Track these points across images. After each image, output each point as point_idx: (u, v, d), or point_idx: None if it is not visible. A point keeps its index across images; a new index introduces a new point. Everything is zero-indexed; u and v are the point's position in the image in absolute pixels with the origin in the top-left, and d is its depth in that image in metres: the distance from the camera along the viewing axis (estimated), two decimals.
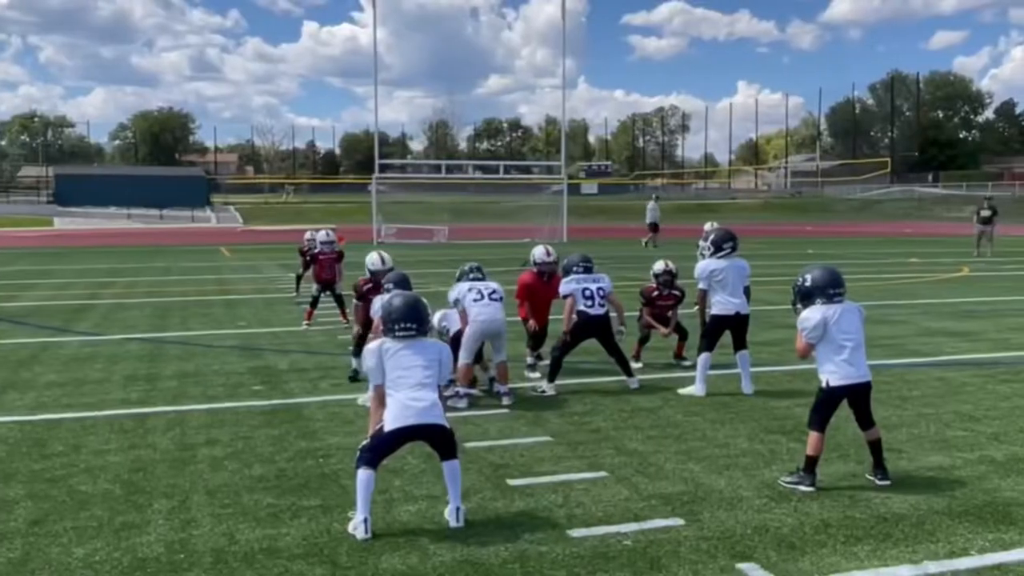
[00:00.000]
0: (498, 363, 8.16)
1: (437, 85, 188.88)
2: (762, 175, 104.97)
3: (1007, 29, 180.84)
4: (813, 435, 5.62)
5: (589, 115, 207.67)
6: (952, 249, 29.62)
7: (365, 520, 4.81)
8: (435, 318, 8.07)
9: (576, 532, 4.84)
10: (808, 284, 5.81)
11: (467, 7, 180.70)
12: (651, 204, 33.53)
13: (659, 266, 9.91)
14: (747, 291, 8.49)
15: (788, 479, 5.64)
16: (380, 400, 5.13)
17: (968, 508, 5.23)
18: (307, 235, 15.71)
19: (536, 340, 9.39)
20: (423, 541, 4.74)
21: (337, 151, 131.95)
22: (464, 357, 7.93)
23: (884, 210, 66.60)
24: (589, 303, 8.40)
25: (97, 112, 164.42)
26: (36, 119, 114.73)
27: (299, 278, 16.11)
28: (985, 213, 27.65)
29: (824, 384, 5.69)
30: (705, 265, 8.32)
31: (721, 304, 8.24)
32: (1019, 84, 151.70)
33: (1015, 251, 29.38)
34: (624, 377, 8.58)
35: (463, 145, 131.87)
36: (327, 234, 13.51)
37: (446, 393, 6.43)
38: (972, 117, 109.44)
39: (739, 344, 8.37)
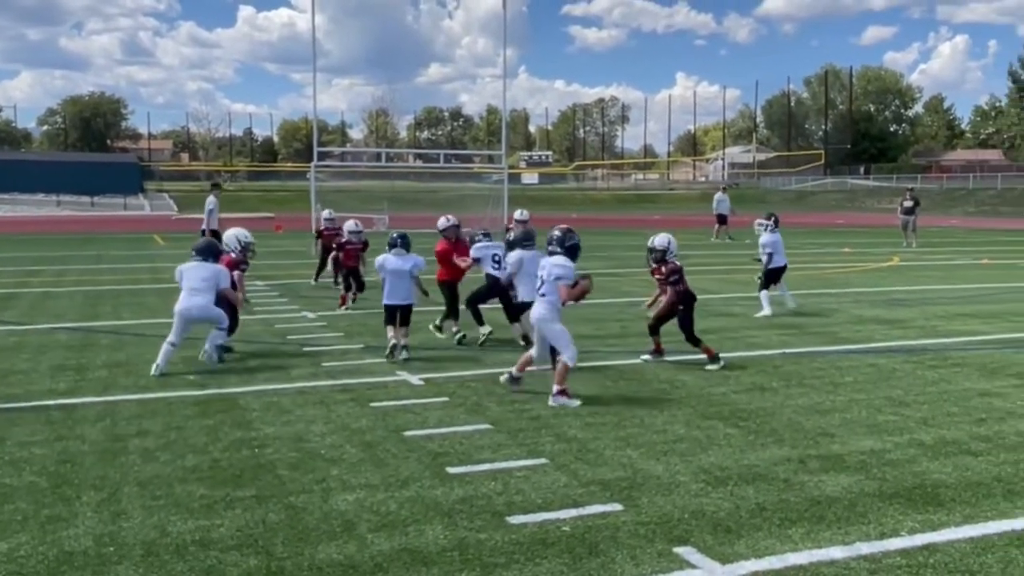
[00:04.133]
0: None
1: (377, 73, 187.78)
2: (700, 166, 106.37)
3: (935, 25, 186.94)
4: None
5: (530, 105, 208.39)
6: (883, 239, 30.35)
7: None
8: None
9: (515, 519, 4.83)
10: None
11: None
12: (719, 195, 31.85)
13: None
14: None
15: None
16: None
17: (898, 490, 5.35)
18: (325, 213, 17.11)
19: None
20: (361, 530, 4.68)
21: (275, 138, 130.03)
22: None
23: (818, 201, 68.00)
24: (496, 267, 9.93)
25: (24, 96, 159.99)
26: None
27: (336, 262, 14.89)
28: (908, 204, 28.43)
29: None
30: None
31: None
32: (947, 79, 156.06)
33: (943, 241, 30.25)
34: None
35: (404, 134, 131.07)
36: (355, 224, 14.33)
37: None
38: (902, 111, 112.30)
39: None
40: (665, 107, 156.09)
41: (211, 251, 9.21)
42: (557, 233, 7.87)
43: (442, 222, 10.97)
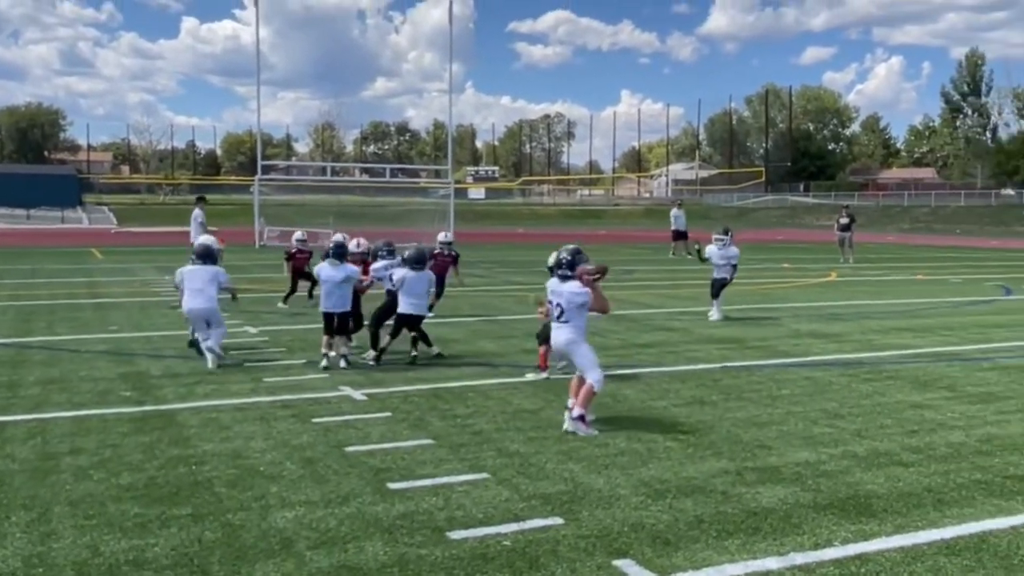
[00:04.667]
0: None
1: (323, 87, 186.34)
2: (644, 182, 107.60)
3: (872, 47, 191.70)
4: None
5: (477, 120, 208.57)
6: (822, 255, 31.02)
7: None
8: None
9: (456, 534, 4.82)
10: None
11: (354, 9, 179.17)
12: (675, 211, 32.14)
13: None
14: None
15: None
16: None
17: (832, 501, 5.47)
18: (297, 234, 16.15)
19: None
20: (299, 547, 4.63)
21: (218, 151, 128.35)
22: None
23: (759, 217, 69.24)
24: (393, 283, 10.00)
25: None
26: None
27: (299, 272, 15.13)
28: (844, 221, 29.18)
29: None
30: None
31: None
32: (883, 99, 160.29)
33: (879, 257, 31.02)
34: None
35: (350, 148, 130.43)
36: (302, 234, 14.69)
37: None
38: (840, 130, 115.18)
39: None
40: (610, 124, 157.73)
41: (209, 255, 10.15)
42: (567, 257, 7.45)
43: (352, 246, 11.21)
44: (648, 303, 15.55)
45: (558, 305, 7.35)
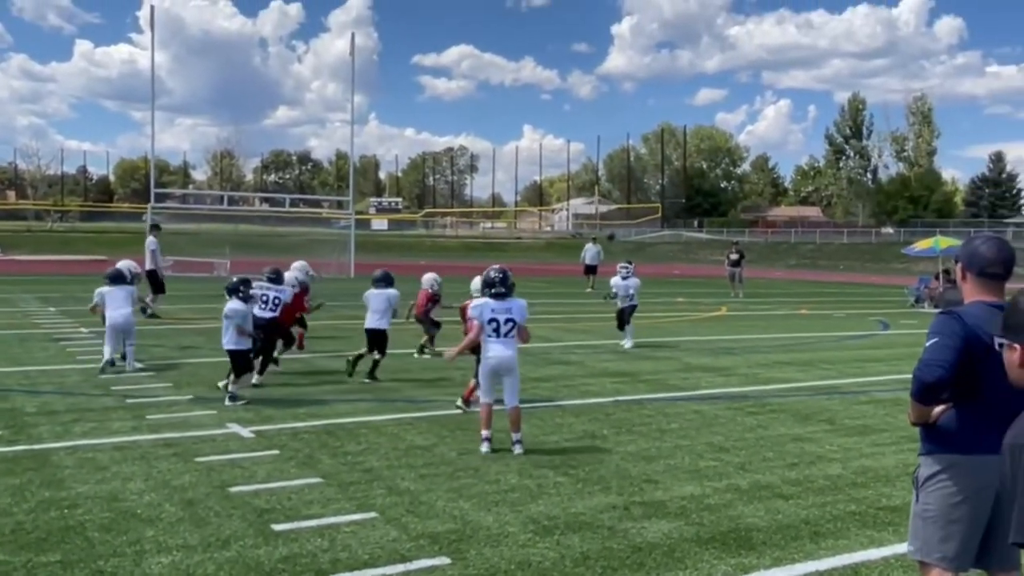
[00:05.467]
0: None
1: (223, 113, 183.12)
2: (546, 216, 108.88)
3: (761, 90, 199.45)
4: None
5: (380, 151, 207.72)
6: (714, 290, 31.92)
7: None
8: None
9: None
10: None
11: (255, 37, 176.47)
12: (589, 245, 32.16)
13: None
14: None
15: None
16: None
17: (715, 535, 5.59)
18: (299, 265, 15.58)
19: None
20: None
21: (112, 177, 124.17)
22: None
23: (656, 252, 70.81)
24: (263, 307, 10.66)
25: None
26: None
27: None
28: (734, 256, 30.22)
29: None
30: None
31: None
32: (772, 140, 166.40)
33: (767, 292, 32.10)
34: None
35: (250, 176, 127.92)
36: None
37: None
38: (732, 169, 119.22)
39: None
40: (512, 158, 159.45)
41: (121, 277, 11.92)
42: (499, 275, 7.83)
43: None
44: (546, 336, 15.69)
45: (508, 321, 7.61)
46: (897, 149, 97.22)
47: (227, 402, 9.29)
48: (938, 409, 3.39)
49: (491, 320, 7.66)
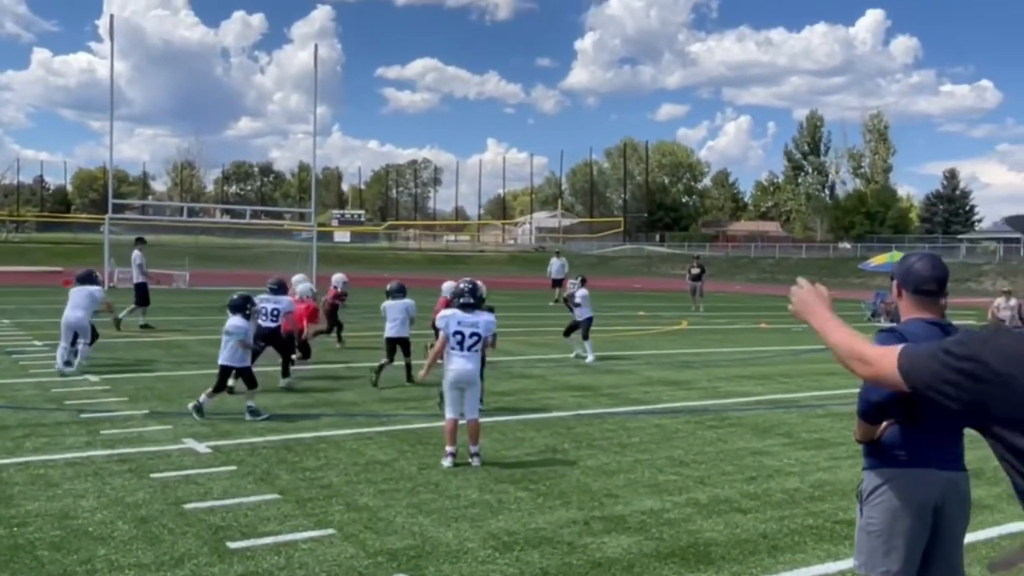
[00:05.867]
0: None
1: (183, 124, 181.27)
2: (509, 229, 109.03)
3: (722, 106, 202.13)
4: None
5: (343, 163, 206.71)
6: (675, 303, 32.12)
7: None
8: None
9: None
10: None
11: (217, 47, 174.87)
12: (554, 259, 32.76)
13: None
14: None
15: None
16: None
17: (674, 549, 5.61)
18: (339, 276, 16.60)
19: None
20: None
21: (69, 188, 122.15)
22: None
23: (618, 266, 71.20)
24: (264, 319, 10.87)
25: None
26: None
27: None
28: (695, 271, 30.48)
29: None
30: None
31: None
32: (732, 156, 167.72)
33: (727, 306, 32.38)
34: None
35: (211, 187, 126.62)
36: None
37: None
38: (693, 184, 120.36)
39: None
40: (476, 171, 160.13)
41: (89, 278, 12.49)
42: (469, 286, 7.99)
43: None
44: (508, 350, 15.67)
45: (473, 335, 7.61)
46: (854, 166, 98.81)
47: (247, 416, 9.18)
48: (883, 425, 3.44)
49: (456, 332, 7.65)
